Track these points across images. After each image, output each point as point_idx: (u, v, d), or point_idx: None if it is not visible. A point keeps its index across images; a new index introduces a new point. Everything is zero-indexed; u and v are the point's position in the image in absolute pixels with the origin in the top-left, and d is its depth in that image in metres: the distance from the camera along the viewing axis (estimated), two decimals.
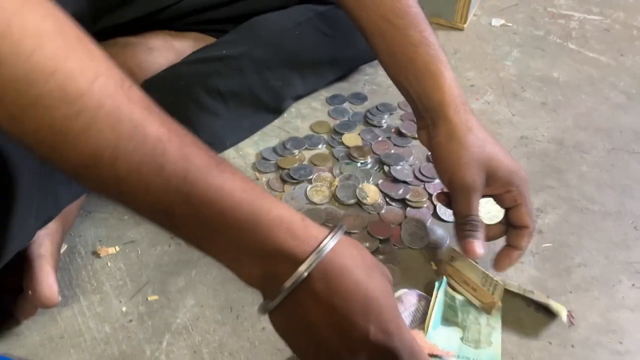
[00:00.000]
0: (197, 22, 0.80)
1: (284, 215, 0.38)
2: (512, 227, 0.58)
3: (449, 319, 0.57)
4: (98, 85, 0.33)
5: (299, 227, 0.38)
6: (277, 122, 0.81)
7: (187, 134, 0.37)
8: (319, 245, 0.37)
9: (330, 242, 0.38)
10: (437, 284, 0.58)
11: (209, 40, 0.80)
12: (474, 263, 0.58)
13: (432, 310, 0.56)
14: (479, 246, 0.55)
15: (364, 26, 0.61)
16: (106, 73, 0.34)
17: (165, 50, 0.77)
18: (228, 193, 0.36)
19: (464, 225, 0.56)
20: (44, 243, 0.55)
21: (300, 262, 0.37)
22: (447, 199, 0.59)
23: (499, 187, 0.56)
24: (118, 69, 0.35)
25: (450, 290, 0.59)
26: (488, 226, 0.59)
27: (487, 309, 0.57)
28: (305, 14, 0.78)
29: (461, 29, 1.03)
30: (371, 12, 0.60)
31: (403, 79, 0.59)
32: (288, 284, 0.37)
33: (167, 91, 0.71)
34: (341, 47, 0.82)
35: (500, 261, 0.58)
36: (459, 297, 0.58)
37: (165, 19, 0.76)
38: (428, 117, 0.59)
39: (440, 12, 1.03)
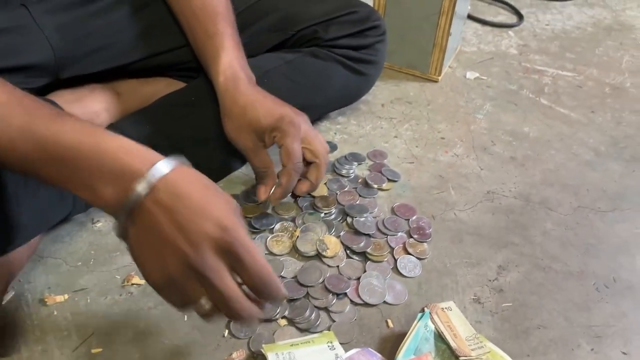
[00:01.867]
0: (169, 71, 0.80)
1: (124, 143, 0.44)
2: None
3: (422, 351, 0.57)
4: None
5: (140, 150, 0.44)
6: (242, 169, 0.81)
7: (31, 98, 0.45)
8: (156, 162, 0.43)
9: (171, 160, 0.44)
10: (419, 314, 0.59)
11: (179, 85, 0.81)
12: (467, 321, 0.61)
13: (407, 338, 0.57)
14: (263, 191, 0.69)
15: (178, 17, 0.75)
16: None
17: (133, 95, 0.78)
18: (70, 133, 0.43)
19: (256, 175, 0.72)
20: None
21: (143, 175, 0.42)
22: None
23: (270, 137, 0.68)
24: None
25: (430, 322, 0.59)
26: (298, 182, 0.71)
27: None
28: (274, 62, 0.79)
29: (436, 81, 1.05)
30: (184, 6, 0.73)
31: (202, 62, 0.74)
32: (137, 190, 0.42)
33: (134, 135, 0.70)
34: (310, 94, 0.82)
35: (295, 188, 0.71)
36: (436, 330, 0.59)
37: (136, 70, 0.77)
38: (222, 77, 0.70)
39: (415, 64, 1.05)
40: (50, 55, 0.68)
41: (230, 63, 0.69)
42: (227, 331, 0.59)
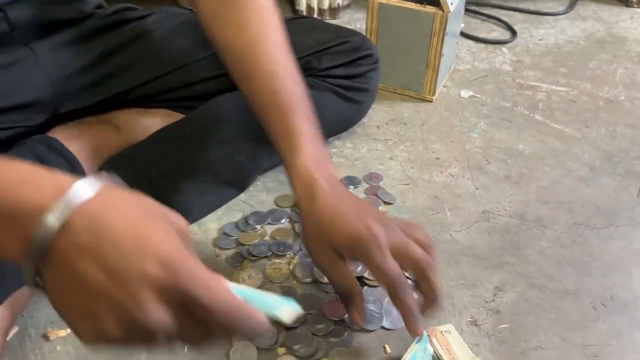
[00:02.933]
0: (166, 100, 0.82)
1: (27, 172, 0.35)
2: None
3: None
4: None
5: (46, 177, 0.35)
6: (242, 195, 0.82)
7: None
8: (67, 193, 0.34)
9: (85, 187, 0.35)
10: (417, 338, 0.59)
11: (178, 116, 0.82)
12: (465, 345, 0.61)
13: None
14: (356, 315, 0.59)
15: (248, 100, 0.66)
16: None
17: (132, 128, 0.79)
18: None
19: (339, 295, 0.61)
20: None
21: (49, 208, 0.33)
22: None
23: (350, 257, 0.57)
24: None
25: (429, 347, 0.60)
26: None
27: None
28: None
29: (430, 101, 1.06)
30: (254, 94, 0.65)
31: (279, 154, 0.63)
32: (42, 229, 0.33)
33: (130, 169, 0.72)
34: None
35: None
36: (434, 354, 0.60)
37: (132, 99, 0.78)
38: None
39: (409, 85, 1.06)
40: (49, 91, 0.70)
41: (306, 168, 0.59)
42: None
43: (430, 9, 0.98)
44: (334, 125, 0.89)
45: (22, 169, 0.36)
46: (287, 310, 0.42)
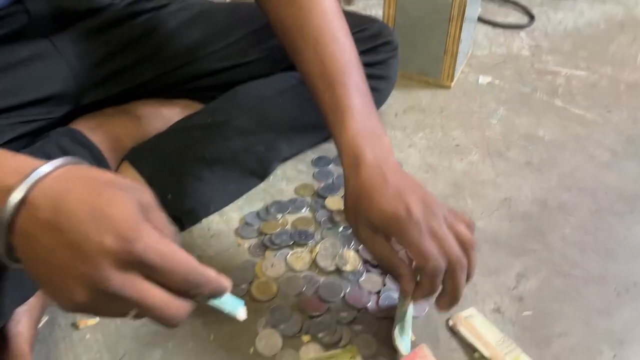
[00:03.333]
0: (185, 90, 0.82)
1: None
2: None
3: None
4: None
5: (15, 159, 0.38)
6: (262, 185, 0.82)
7: None
8: (30, 173, 0.36)
9: (44, 167, 0.37)
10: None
11: (198, 106, 0.83)
12: (491, 325, 0.62)
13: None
14: (404, 284, 0.56)
15: (299, 68, 0.64)
16: None
17: (153, 118, 0.80)
18: None
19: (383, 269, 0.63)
20: (22, 320, 0.56)
21: (13, 188, 0.36)
22: None
23: (386, 235, 0.55)
24: None
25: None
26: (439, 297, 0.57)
27: None
28: (288, 81, 0.81)
29: (448, 87, 1.05)
30: (307, 60, 0.62)
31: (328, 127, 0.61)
32: (4, 214, 0.35)
33: (152, 159, 0.73)
34: None
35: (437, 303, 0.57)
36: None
37: (152, 89, 0.79)
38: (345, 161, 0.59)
39: (427, 71, 1.05)
40: (72, 83, 0.70)
41: (353, 140, 0.57)
42: (252, 348, 0.61)
43: None
44: None
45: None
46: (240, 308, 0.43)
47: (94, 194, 0.36)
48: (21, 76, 0.67)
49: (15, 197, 0.35)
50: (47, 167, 0.37)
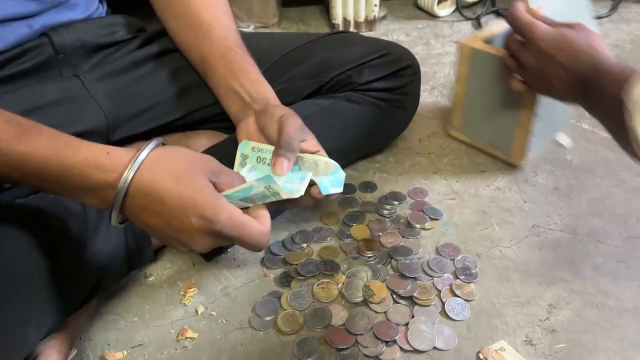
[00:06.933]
0: (211, 121, 0.83)
1: (88, 156, 0.49)
2: None
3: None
4: None
5: (105, 161, 0.49)
6: (286, 213, 0.82)
7: None
8: (125, 171, 0.48)
9: (135, 165, 0.49)
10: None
11: (222, 136, 0.83)
12: (523, 358, 0.60)
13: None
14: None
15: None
16: None
17: None
18: (36, 153, 0.48)
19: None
20: (52, 354, 0.56)
21: (115, 187, 0.48)
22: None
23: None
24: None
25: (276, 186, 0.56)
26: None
27: None
28: (311, 109, 0.81)
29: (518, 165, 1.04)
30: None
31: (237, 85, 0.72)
32: (116, 199, 0.49)
33: None
34: (346, 137, 0.84)
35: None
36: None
37: (177, 127, 0.80)
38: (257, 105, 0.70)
39: (496, 143, 0.90)
40: (103, 120, 0.72)
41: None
42: None
43: None
44: (375, 139, 0.89)
45: (88, 152, 0.49)
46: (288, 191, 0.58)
47: (177, 185, 0.49)
48: (56, 114, 0.68)
49: (119, 192, 0.48)
50: (136, 164, 0.49)
